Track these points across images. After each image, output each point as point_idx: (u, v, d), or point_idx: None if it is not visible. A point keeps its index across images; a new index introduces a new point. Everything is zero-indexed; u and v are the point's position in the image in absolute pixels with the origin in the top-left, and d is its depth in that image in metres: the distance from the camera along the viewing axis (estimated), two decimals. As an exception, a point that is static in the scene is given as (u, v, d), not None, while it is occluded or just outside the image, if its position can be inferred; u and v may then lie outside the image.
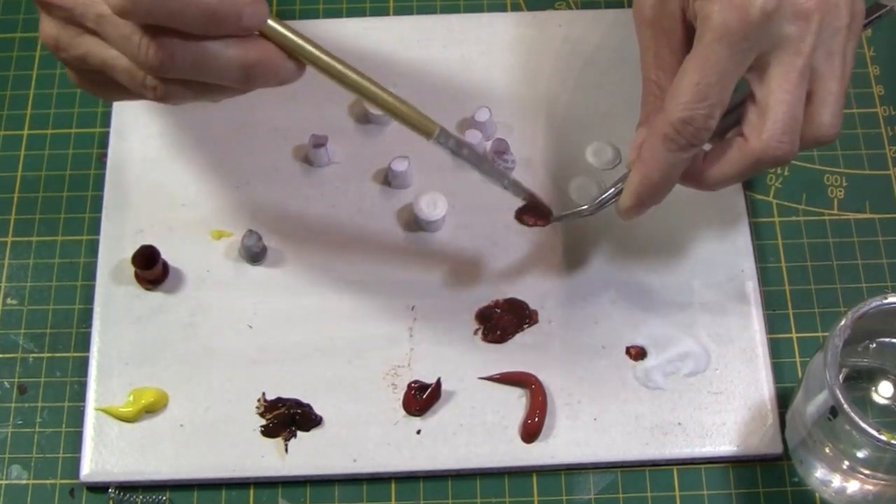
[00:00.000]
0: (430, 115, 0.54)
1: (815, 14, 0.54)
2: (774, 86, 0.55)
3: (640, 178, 0.57)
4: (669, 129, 0.55)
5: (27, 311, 0.66)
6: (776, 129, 0.55)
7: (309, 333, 0.64)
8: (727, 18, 0.53)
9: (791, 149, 0.55)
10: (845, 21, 0.55)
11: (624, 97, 0.71)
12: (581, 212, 0.62)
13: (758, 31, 0.53)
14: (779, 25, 0.53)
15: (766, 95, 0.55)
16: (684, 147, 0.55)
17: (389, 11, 0.75)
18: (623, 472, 0.62)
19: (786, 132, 0.55)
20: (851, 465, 0.56)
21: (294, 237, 0.67)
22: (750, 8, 0.53)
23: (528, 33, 0.73)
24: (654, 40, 0.59)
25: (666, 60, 0.58)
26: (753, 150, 0.55)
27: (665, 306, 0.65)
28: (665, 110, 0.55)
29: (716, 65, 0.54)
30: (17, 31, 0.75)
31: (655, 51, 0.59)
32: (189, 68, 0.49)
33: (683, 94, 0.54)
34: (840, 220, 0.69)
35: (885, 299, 0.55)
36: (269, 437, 0.62)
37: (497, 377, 0.63)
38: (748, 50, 0.54)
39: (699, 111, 0.54)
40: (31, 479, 0.62)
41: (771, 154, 0.55)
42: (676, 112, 0.55)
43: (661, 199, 0.58)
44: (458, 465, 0.62)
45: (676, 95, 0.55)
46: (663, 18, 0.58)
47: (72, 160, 0.71)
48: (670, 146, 0.55)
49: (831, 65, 0.55)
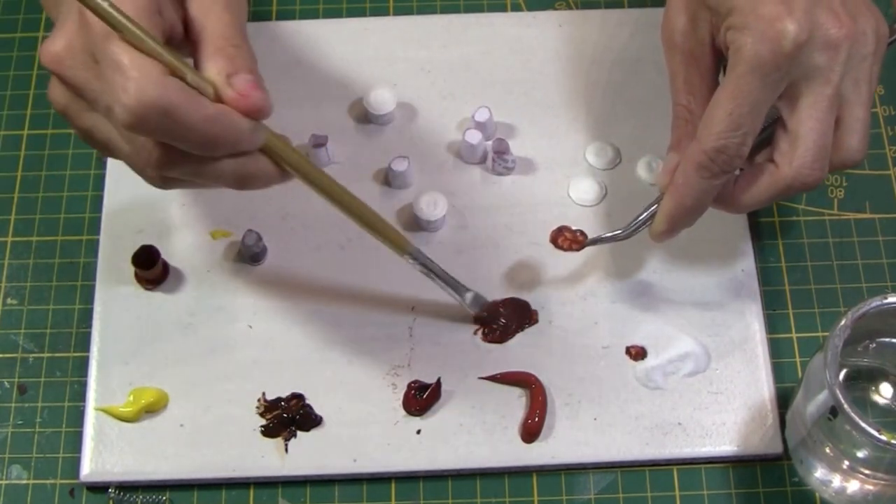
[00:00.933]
0: (430, 117, 0.54)
1: (845, 43, 0.55)
2: (805, 115, 0.56)
3: (674, 203, 0.59)
4: (703, 158, 0.56)
5: (27, 310, 0.66)
6: (807, 157, 0.56)
7: (309, 333, 0.64)
8: (760, 50, 0.54)
9: (821, 175, 0.57)
10: (871, 48, 0.57)
11: (624, 97, 0.71)
12: (616, 236, 0.63)
13: (789, 62, 0.54)
14: (809, 55, 0.55)
15: (798, 125, 0.56)
16: (717, 175, 0.57)
17: (389, 11, 0.75)
18: (623, 472, 0.62)
19: (816, 160, 0.56)
20: (851, 465, 0.56)
21: (294, 237, 0.67)
22: (783, 40, 0.54)
23: (529, 33, 0.73)
24: (685, 66, 0.60)
25: (696, 86, 0.59)
26: (785, 176, 0.57)
27: (665, 306, 0.65)
28: (699, 139, 0.56)
29: (749, 95, 0.55)
30: (16, 30, 0.75)
31: (685, 76, 0.60)
32: (188, 174, 0.51)
33: (717, 125, 0.56)
34: (840, 220, 0.69)
35: (885, 299, 0.55)
36: (269, 437, 0.62)
37: (497, 377, 0.63)
38: (780, 80, 0.55)
39: (733, 140, 0.56)
40: (31, 479, 0.62)
41: (801, 181, 0.57)
42: (710, 141, 0.56)
43: (693, 222, 0.60)
44: (458, 465, 0.62)
45: (710, 125, 0.56)
46: (694, 45, 0.59)
47: (72, 160, 0.71)
48: (704, 174, 0.57)
49: (858, 91, 0.57)
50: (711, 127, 0.56)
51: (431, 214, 0.66)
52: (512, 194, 0.68)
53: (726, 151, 0.56)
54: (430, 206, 0.67)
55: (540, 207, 0.68)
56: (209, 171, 0.51)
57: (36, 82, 0.73)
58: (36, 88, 0.73)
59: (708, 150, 0.56)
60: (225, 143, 0.50)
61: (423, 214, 0.66)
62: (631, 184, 0.69)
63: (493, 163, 0.68)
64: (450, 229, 0.67)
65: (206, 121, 0.49)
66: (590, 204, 0.68)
